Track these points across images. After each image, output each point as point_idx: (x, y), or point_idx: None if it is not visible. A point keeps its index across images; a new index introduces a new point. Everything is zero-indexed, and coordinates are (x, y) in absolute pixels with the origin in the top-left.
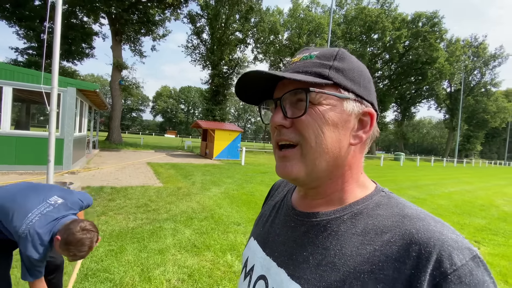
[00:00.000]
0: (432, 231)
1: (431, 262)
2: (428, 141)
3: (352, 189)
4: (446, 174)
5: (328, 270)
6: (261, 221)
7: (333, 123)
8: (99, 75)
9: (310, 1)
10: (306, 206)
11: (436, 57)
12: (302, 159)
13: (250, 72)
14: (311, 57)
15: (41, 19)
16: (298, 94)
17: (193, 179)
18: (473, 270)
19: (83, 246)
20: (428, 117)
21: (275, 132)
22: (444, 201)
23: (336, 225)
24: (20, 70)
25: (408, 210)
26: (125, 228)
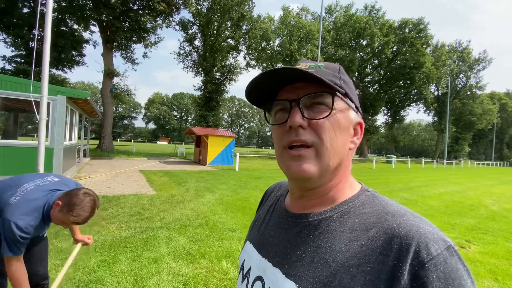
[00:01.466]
0: (411, 225)
1: (410, 253)
2: (418, 144)
3: (344, 188)
4: (436, 176)
5: (320, 266)
6: (256, 225)
7: (343, 128)
8: (89, 83)
9: (300, 8)
10: (299, 207)
11: (423, 62)
12: (317, 159)
13: (278, 69)
14: (320, 67)
15: (29, 26)
16: (319, 97)
17: (187, 186)
18: (447, 259)
19: (86, 207)
20: (417, 120)
21: (289, 132)
22: (435, 202)
23: (327, 224)
24: (8, 79)
25: (390, 207)
26: (118, 237)
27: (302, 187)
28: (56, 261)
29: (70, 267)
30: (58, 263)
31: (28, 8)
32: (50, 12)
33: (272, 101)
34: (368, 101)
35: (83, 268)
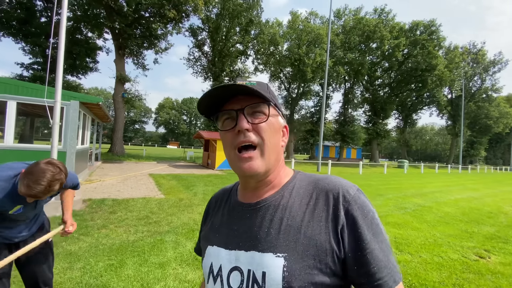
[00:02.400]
0: (334, 182)
1: (340, 196)
2: (431, 148)
3: (283, 174)
4: (451, 181)
5: (287, 231)
6: (212, 230)
7: (276, 130)
8: (102, 88)
9: (309, 13)
10: (255, 197)
11: (435, 64)
12: (262, 157)
13: (226, 85)
14: (253, 84)
15: (46, 35)
16: (257, 106)
17: (195, 190)
18: (360, 195)
19: (41, 178)
20: (430, 124)
21: (238, 135)
22: (450, 209)
23: (281, 200)
24: (24, 85)
25: (318, 176)
26: (126, 241)
27: (254, 181)
28: (65, 264)
29: (77, 270)
30: (66, 266)
31: (45, 18)
32: (64, 22)
33: (219, 111)
34: (378, 104)
35: (90, 272)
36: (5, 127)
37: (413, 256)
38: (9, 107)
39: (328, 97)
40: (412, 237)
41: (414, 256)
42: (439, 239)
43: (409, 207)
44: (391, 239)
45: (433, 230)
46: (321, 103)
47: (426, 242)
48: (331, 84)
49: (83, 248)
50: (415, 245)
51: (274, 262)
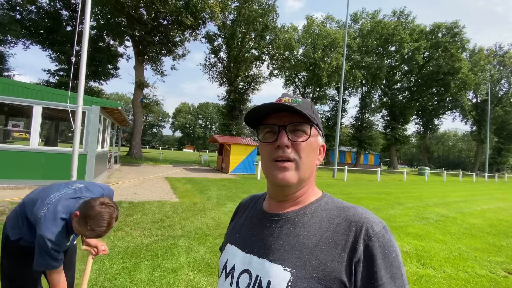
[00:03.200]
0: (361, 214)
1: (363, 231)
2: (454, 155)
3: (311, 193)
4: (476, 190)
5: (300, 249)
6: (234, 230)
7: (313, 149)
8: (122, 94)
9: (325, 17)
10: (278, 209)
11: (458, 68)
12: (296, 171)
13: (274, 104)
14: (299, 102)
15: (72, 43)
16: (300, 125)
17: (209, 194)
18: (384, 234)
19: (102, 221)
20: (453, 129)
21: (277, 150)
22: (477, 220)
23: (302, 218)
24: (49, 90)
25: (345, 204)
26: (140, 244)
27: (282, 192)
28: (82, 265)
29: (93, 272)
30: (83, 267)
31: (71, 27)
32: (87, 30)
33: (262, 124)
34: (397, 109)
35: (105, 275)
36: (31, 131)
37: (436, 271)
38: (35, 112)
39: (344, 102)
40: (435, 249)
41: (438, 270)
42: (464, 253)
43: (431, 217)
44: (412, 251)
45: (458, 243)
46: (337, 107)
47: (450, 256)
48: (348, 88)
49: None
50: (438, 258)
51: (281, 275)
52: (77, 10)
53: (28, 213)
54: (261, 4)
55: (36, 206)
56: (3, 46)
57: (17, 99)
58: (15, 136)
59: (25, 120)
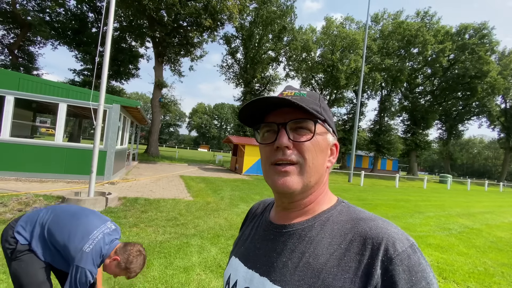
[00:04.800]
0: (380, 228)
1: (381, 250)
2: (479, 163)
3: (322, 200)
4: (504, 201)
5: (305, 269)
6: (241, 240)
7: (322, 149)
8: (142, 93)
9: (344, 18)
10: (283, 219)
11: (487, 71)
12: (300, 175)
13: (268, 97)
14: (303, 95)
15: (96, 44)
16: (303, 122)
17: (222, 194)
18: (411, 255)
19: (139, 265)
20: (479, 136)
21: (276, 151)
22: (504, 233)
23: (309, 232)
24: (74, 89)
25: (363, 215)
26: (154, 241)
27: (286, 199)
28: None
29: None
30: None
31: (96, 28)
32: (110, 32)
33: (261, 123)
34: (418, 113)
35: None
36: (56, 127)
37: (460, 286)
38: (60, 109)
39: (362, 105)
40: (459, 263)
41: (461, 285)
42: (490, 268)
43: (454, 228)
44: (433, 263)
45: (484, 257)
46: (354, 110)
47: (475, 271)
48: (366, 91)
49: None
50: (462, 272)
51: None
52: (102, 12)
53: (56, 237)
54: (279, 6)
55: (78, 236)
56: (33, 46)
57: (44, 97)
58: (42, 131)
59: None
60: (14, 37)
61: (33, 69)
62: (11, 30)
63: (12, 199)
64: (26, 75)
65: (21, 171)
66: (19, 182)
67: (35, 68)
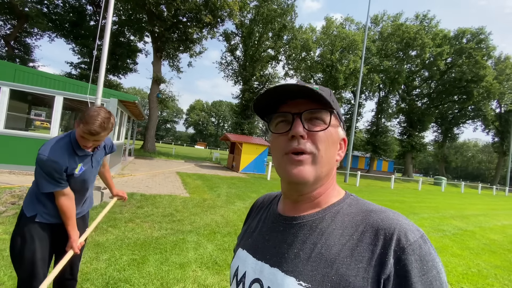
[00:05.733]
0: (391, 219)
1: (393, 240)
2: (473, 166)
3: (331, 193)
4: (497, 204)
5: (318, 260)
6: (247, 233)
7: (334, 142)
8: (139, 88)
9: (344, 18)
10: (294, 211)
11: (483, 75)
12: (313, 165)
13: (289, 84)
14: (316, 88)
15: (94, 37)
16: (317, 113)
17: (219, 191)
18: (422, 245)
19: (96, 116)
20: (473, 139)
21: (291, 141)
22: (497, 236)
23: (320, 223)
24: (71, 82)
25: (373, 207)
26: (150, 237)
27: (297, 191)
28: (92, 254)
29: (103, 262)
30: (94, 256)
31: (94, 21)
32: (109, 25)
33: (275, 113)
34: (415, 115)
35: (114, 265)
36: (52, 120)
37: (453, 287)
38: (56, 101)
39: (360, 105)
40: (452, 264)
41: (455, 286)
42: (484, 270)
43: (448, 229)
44: None
45: (477, 259)
46: (352, 111)
47: (468, 272)
48: (364, 92)
49: (110, 240)
50: (455, 274)
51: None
52: (100, 5)
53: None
54: (280, 4)
55: None
56: (30, 38)
57: (40, 89)
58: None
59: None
60: (11, 28)
61: (29, 61)
62: (8, 21)
63: (5, 192)
64: (22, 66)
65: (15, 163)
66: (13, 175)
67: (31, 60)
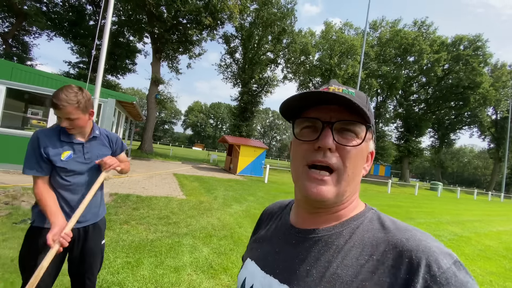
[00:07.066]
0: (419, 240)
1: (422, 266)
2: (469, 171)
3: (352, 206)
4: (492, 210)
5: (332, 281)
6: (256, 243)
7: (362, 157)
8: (138, 89)
9: (343, 23)
10: (308, 223)
11: (479, 82)
12: (336, 184)
13: (323, 92)
14: (351, 93)
15: (93, 37)
16: (352, 125)
17: (216, 194)
18: (457, 273)
19: (57, 93)
20: (469, 145)
21: (316, 151)
22: (492, 242)
23: (337, 239)
24: (68, 81)
25: (397, 224)
26: (145, 239)
27: (314, 206)
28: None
29: None
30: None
31: (93, 21)
32: (108, 25)
33: (303, 117)
34: (412, 121)
35: (108, 268)
36: (48, 119)
37: None
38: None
39: None
40: None
41: None
42: (479, 276)
43: (444, 235)
44: None
45: (472, 265)
46: None
47: None
48: None
49: None
50: None
51: None
52: (100, 5)
53: None
54: (279, 8)
55: None
56: (28, 36)
57: (37, 88)
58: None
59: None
60: (9, 26)
61: (27, 59)
62: (6, 19)
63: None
64: (20, 64)
65: (10, 163)
66: (7, 175)
67: (29, 58)
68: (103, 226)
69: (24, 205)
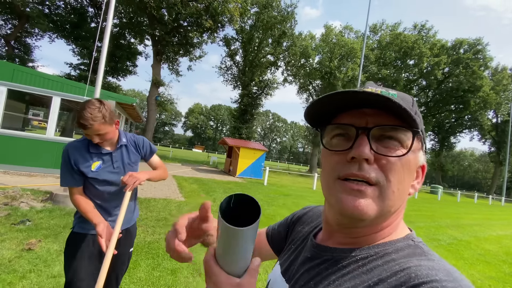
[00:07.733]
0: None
1: None
2: (470, 175)
3: (388, 233)
4: (492, 214)
5: None
6: (289, 248)
7: (410, 171)
8: (138, 91)
9: (343, 27)
10: (329, 240)
11: (480, 86)
12: (379, 200)
13: (355, 91)
14: (393, 95)
15: (95, 39)
16: (393, 131)
17: (214, 196)
18: None
19: (81, 113)
20: (470, 149)
21: (349, 164)
22: (492, 246)
23: (347, 262)
24: (68, 83)
25: (429, 256)
26: (142, 241)
27: (349, 224)
28: None
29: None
30: None
31: (95, 23)
32: (109, 28)
33: (331, 123)
34: None
35: None
36: (49, 120)
37: None
38: (53, 102)
39: None
40: None
41: None
42: (478, 281)
43: (443, 239)
44: None
45: (471, 269)
46: None
47: None
48: None
49: None
50: None
51: None
52: (102, 7)
53: None
54: (280, 11)
55: None
56: (30, 38)
57: (38, 89)
58: (34, 124)
59: (44, 110)
60: (12, 28)
61: (29, 61)
62: (9, 21)
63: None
64: (21, 66)
65: (9, 163)
66: (7, 175)
67: (31, 60)
68: (134, 233)
69: (23, 206)
